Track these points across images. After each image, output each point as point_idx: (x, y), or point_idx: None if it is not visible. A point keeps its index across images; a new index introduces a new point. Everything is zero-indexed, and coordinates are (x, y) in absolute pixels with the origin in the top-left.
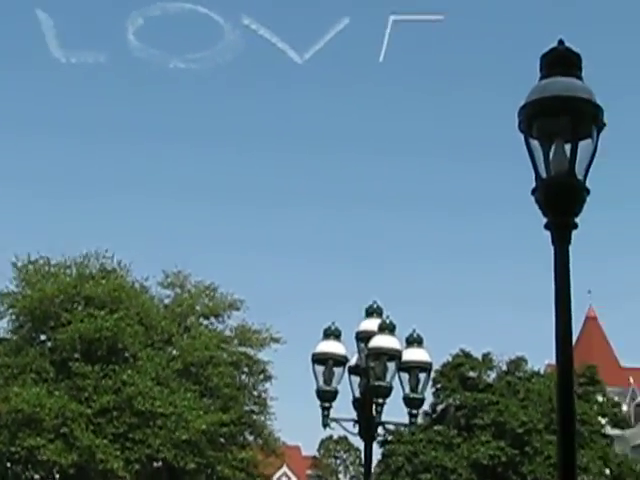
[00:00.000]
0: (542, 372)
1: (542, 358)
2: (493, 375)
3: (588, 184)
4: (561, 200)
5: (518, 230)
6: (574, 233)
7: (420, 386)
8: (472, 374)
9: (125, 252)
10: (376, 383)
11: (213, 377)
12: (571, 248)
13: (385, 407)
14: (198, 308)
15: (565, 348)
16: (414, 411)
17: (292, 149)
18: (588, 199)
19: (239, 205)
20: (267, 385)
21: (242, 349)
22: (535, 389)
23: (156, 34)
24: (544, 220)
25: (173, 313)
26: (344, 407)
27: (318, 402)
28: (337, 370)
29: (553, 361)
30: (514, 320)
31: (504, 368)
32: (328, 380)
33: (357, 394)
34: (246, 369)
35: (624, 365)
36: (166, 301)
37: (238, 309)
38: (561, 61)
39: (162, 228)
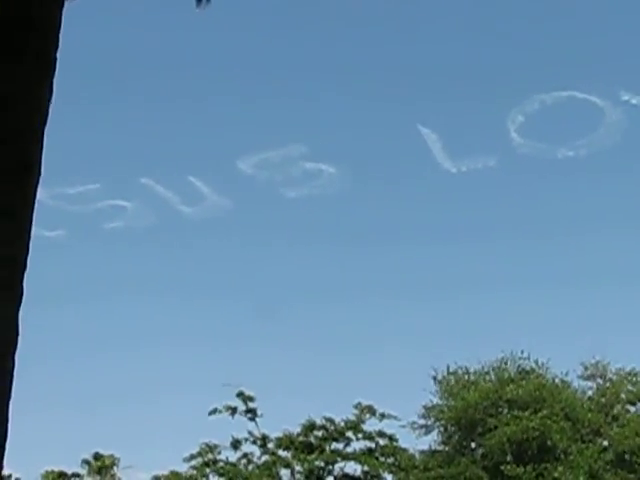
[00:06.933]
0: None
1: None
2: None
3: None
4: None
5: None
6: None
7: None
8: None
9: (540, 350)
10: None
11: None
12: None
13: None
14: (623, 396)
15: None
16: None
17: None
18: None
19: None
20: None
21: None
22: None
23: (538, 127)
24: None
25: (598, 404)
26: None
27: None
28: None
29: None
30: None
31: None
32: None
33: None
34: None
35: None
36: (589, 393)
37: None
38: None
39: (576, 319)
